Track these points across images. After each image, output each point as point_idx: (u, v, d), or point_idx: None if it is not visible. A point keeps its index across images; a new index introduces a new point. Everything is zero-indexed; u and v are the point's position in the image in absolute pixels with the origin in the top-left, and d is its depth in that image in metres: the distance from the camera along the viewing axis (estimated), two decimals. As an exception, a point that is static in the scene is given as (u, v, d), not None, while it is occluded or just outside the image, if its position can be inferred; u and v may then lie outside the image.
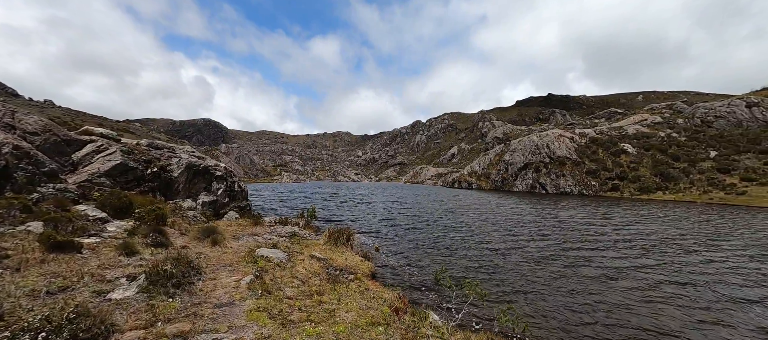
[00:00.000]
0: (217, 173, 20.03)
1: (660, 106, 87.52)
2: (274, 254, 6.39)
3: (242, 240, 8.10)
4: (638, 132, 56.58)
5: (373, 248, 9.98)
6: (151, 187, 13.59)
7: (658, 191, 38.19)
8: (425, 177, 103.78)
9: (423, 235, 13.31)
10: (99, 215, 7.94)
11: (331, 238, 8.73)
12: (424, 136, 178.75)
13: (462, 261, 9.45)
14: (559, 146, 50.45)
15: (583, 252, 10.86)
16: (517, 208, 24.57)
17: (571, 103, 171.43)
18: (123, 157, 12.29)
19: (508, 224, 16.67)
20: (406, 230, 14.68)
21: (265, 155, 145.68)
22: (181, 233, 7.87)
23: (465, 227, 15.70)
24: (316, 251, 7.92)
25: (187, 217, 10.90)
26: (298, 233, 9.56)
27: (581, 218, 19.10)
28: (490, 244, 11.78)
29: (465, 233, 13.86)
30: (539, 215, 20.44)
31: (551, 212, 22.20)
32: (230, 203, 21.22)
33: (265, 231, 9.71)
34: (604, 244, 12.13)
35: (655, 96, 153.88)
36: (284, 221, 12.09)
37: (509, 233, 14.05)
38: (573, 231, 14.91)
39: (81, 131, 12.18)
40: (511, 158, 57.37)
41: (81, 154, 11.23)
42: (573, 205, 27.62)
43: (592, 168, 45.45)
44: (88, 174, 10.87)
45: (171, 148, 16.98)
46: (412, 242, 11.75)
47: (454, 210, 22.40)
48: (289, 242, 8.53)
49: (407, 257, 9.58)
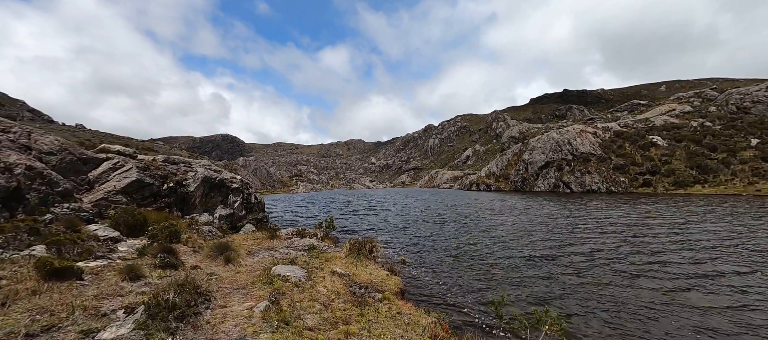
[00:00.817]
0: (234, 185, 19.82)
1: (687, 95, 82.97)
2: (292, 272, 5.73)
3: (258, 256, 7.51)
4: (667, 123, 53.44)
5: (398, 261, 9.11)
6: (168, 202, 13.36)
7: (696, 185, 35.54)
8: (441, 181, 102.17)
9: (451, 244, 12.25)
10: (111, 235, 7.57)
11: (353, 250, 8.02)
12: (437, 140, 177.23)
13: (501, 273, 8.35)
14: (581, 142, 48.20)
15: (655, 265, 8.82)
16: (547, 210, 22.90)
17: (589, 97, 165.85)
18: (139, 173, 12.10)
19: (544, 228, 15.23)
20: (431, 239, 13.65)
21: (281, 167, 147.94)
22: (194, 251, 7.37)
23: (495, 233, 14.41)
24: (337, 265, 7.22)
25: (203, 232, 10.48)
26: (317, 246, 8.91)
27: (621, 218, 17.37)
28: (531, 252, 10.47)
29: (498, 241, 12.66)
30: (575, 217, 18.78)
31: (586, 212, 20.50)
32: (247, 216, 20.95)
33: (282, 244, 9.11)
34: (673, 251, 10.24)
35: (679, 85, 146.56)
36: (301, 233, 11.50)
37: (549, 240, 12.57)
38: (619, 233, 13.41)
39: (98, 150, 12.12)
40: (530, 157, 55.34)
41: (97, 173, 11.10)
42: (607, 203, 25.65)
43: (620, 163, 43.01)
44: (104, 192, 10.68)
45: (187, 162, 16.89)
46: (440, 253, 10.75)
47: (479, 215, 21.12)
48: (308, 256, 7.88)
49: (438, 270, 8.66)
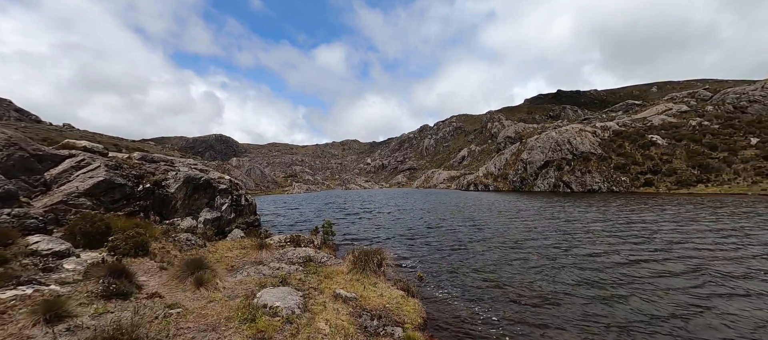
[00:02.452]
0: (221, 186, 18.24)
1: (681, 95, 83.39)
2: (283, 300, 4.36)
3: (241, 273, 6.10)
4: (665, 122, 53.13)
5: (414, 276, 7.63)
6: (143, 206, 11.81)
7: (699, 184, 34.93)
8: (437, 181, 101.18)
9: (468, 253, 10.74)
10: (57, 248, 6.08)
11: (357, 263, 6.67)
12: (432, 140, 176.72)
13: (554, 291, 6.85)
14: (581, 141, 47.49)
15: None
16: (556, 210, 21.54)
17: (582, 98, 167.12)
18: (108, 172, 10.55)
19: (566, 232, 13.72)
20: (445, 248, 12.01)
21: (275, 167, 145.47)
22: (161, 268, 5.92)
23: (515, 240, 12.68)
24: (339, 284, 5.86)
25: (179, 241, 9.00)
26: (314, 257, 7.53)
27: (667, 222, 15.46)
28: (567, 267, 8.75)
29: (520, 249, 11.09)
30: (610, 220, 17.04)
31: (617, 214, 18.85)
32: (236, 219, 19.36)
33: (273, 256, 7.71)
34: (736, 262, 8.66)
35: (670, 86, 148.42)
36: (296, 240, 10.09)
37: (579, 247, 10.95)
38: (661, 238, 11.82)
39: (60, 146, 10.58)
40: (529, 157, 54.53)
41: (56, 172, 9.56)
42: (621, 203, 24.41)
43: (621, 163, 42.35)
44: (63, 194, 9.15)
45: (169, 161, 15.34)
46: (459, 265, 9.25)
47: (488, 218, 19.50)
48: (304, 271, 6.50)
49: (462, 289, 7.19)
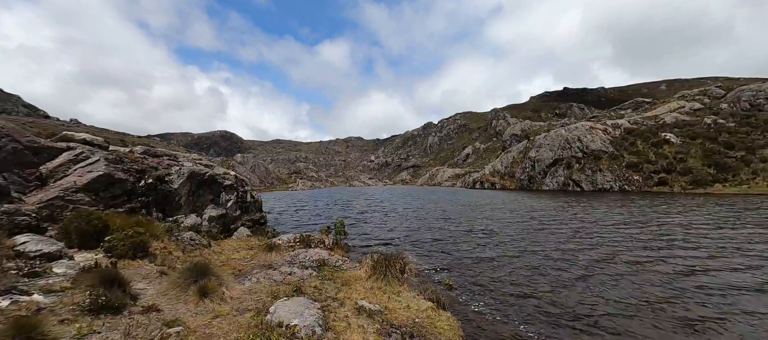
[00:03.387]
0: (226, 182, 17.68)
1: (692, 93, 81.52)
2: (300, 316, 3.72)
3: (250, 279, 5.47)
4: (678, 120, 51.78)
5: (442, 284, 6.80)
6: (145, 202, 11.26)
7: (715, 184, 33.84)
8: (442, 179, 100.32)
9: (497, 259, 9.53)
10: (47, 249, 5.49)
11: (377, 268, 6.02)
12: (436, 138, 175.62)
13: (600, 313, 5.73)
14: (592, 139, 46.41)
15: None
16: (578, 211, 20.39)
17: (589, 95, 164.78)
18: (108, 166, 9.99)
19: (599, 235, 12.29)
20: (466, 251, 10.90)
21: (279, 164, 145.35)
22: (161, 273, 5.31)
23: (547, 245, 11.19)
24: (359, 292, 5.21)
25: (182, 240, 8.41)
26: (328, 261, 6.89)
27: (676, 222, 14.50)
28: (618, 279, 7.42)
29: (558, 257, 9.66)
30: (622, 219, 16.18)
31: (632, 214, 17.85)
32: (242, 216, 18.80)
33: (283, 258, 7.08)
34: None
35: (680, 84, 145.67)
36: (306, 240, 9.46)
37: (623, 254, 9.66)
38: (709, 242, 10.54)
39: (57, 138, 10.03)
40: (537, 155, 53.52)
41: (53, 166, 9.01)
42: (644, 204, 23.26)
43: (633, 161, 41.26)
44: (59, 190, 8.59)
45: (172, 155, 14.79)
46: (489, 273, 8.18)
47: (506, 218, 18.24)
48: (318, 277, 5.86)
49: (499, 302, 6.25)
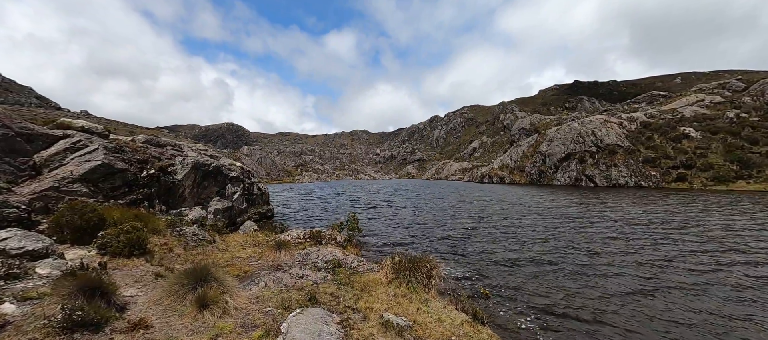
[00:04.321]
0: (232, 173, 17.11)
1: (711, 86, 78.77)
2: (318, 337, 3.04)
3: (257, 284, 4.81)
4: (697, 114, 49.85)
5: (476, 291, 5.96)
6: (147, 194, 10.71)
7: (738, 181, 32.42)
8: (449, 173, 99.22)
9: (533, 263, 8.50)
10: (31, 247, 4.89)
11: (400, 272, 5.31)
12: (442, 131, 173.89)
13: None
14: (607, 133, 44.90)
15: None
16: (605, 207, 18.93)
17: (600, 89, 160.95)
18: (107, 156, 9.41)
19: (641, 237, 11.05)
20: (494, 251, 9.76)
21: (285, 156, 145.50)
22: (156, 274, 4.67)
23: (584, 248, 10.04)
24: (381, 301, 4.52)
25: (185, 235, 7.80)
26: (343, 262, 6.21)
27: (726, 224, 13.13)
28: (687, 291, 6.50)
29: (602, 263, 8.50)
30: (659, 217, 14.88)
31: (671, 212, 16.41)
32: (248, 209, 18.27)
33: (293, 258, 6.42)
34: None
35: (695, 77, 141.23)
36: (316, 237, 8.79)
37: (679, 260, 8.57)
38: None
39: (54, 125, 9.46)
40: (548, 149, 52.16)
41: (48, 154, 8.45)
42: (681, 202, 21.45)
43: (650, 156, 39.80)
44: (55, 180, 8.04)
45: (176, 145, 14.21)
46: (528, 280, 7.23)
47: (527, 214, 17.37)
48: (334, 281, 5.18)
49: (548, 315, 5.55)
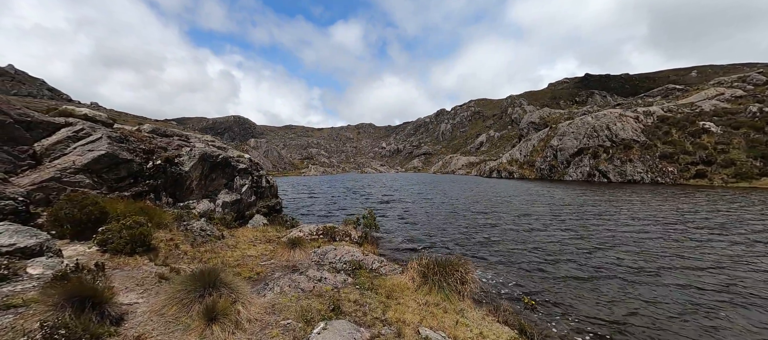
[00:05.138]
0: (241, 165, 16.67)
1: (729, 80, 76.17)
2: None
3: (271, 289, 4.28)
4: (717, 108, 48.03)
5: (517, 301, 5.22)
6: (153, 186, 10.28)
7: (762, 177, 31.09)
8: (456, 167, 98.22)
9: (561, 257, 7.69)
10: (24, 244, 4.43)
11: (429, 277, 4.74)
12: (449, 125, 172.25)
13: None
14: (622, 127, 43.53)
15: None
16: (624, 204, 17.91)
17: (612, 82, 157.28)
18: (111, 145, 8.96)
19: (702, 242, 9.80)
20: (526, 251, 8.75)
21: (292, 149, 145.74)
22: (160, 276, 4.16)
23: (630, 251, 8.89)
24: (413, 311, 3.97)
25: (192, 230, 7.33)
26: (364, 263, 5.66)
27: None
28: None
29: (664, 271, 7.36)
30: (707, 218, 13.39)
31: (715, 211, 15.02)
32: (257, 203, 17.85)
33: (309, 257, 5.90)
34: None
35: (712, 70, 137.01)
36: (330, 232, 8.26)
37: (758, 272, 7.31)
38: None
39: (56, 113, 9.04)
40: (560, 143, 50.92)
41: (48, 143, 8.03)
42: (703, 198, 20.45)
43: (668, 151, 38.46)
44: (56, 170, 7.62)
45: (183, 136, 13.79)
46: (567, 283, 6.38)
47: (547, 211, 16.20)
48: (356, 286, 4.63)
49: (598, 324, 4.80)
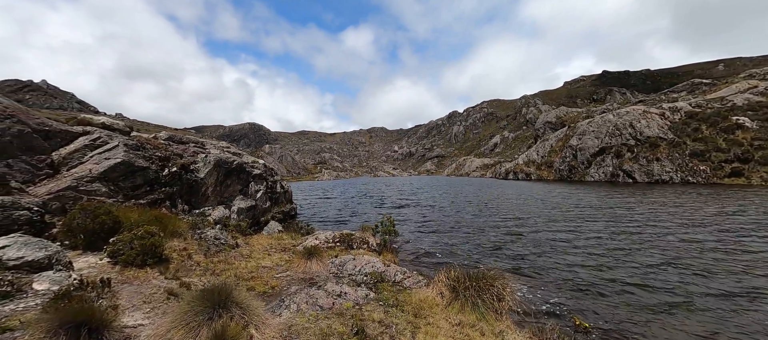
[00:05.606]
0: (255, 171, 16.61)
1: (762, 72, 72.00)
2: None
3: (288, 307, 3.91)
4: (751, 102, 45.21)
5: (566, 320, 4.65)
6: (169, 193, 10.21)
7: (807, 175, 28.85)
8: (470, 169, 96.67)
9: (598, 271, 6.63)
10: (32, 257, 4.23)
11: (459, 291, 4.26)
12: (461, 127, 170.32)
13: None
14: (647, 125, 41.54)
15: None
16: (670, 208, 15.57)
17: (632, 78, 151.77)
18: (127, 153, 8.92)
19: (747, 239, 8.78)
20: (560, 264, 7.82)
21: (305, 154, 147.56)
22: (169, 293, 3.85)
23: (666, 254, 8.02)
24: (445, 332, 3.51)
25: (206, 239, 7.09)
26: (386, 275, 5.23)
27: None
28: None
29: (697, 275, 6.71)
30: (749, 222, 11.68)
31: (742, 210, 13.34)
32: (272, 208, 17.76)
33: (326, 268, 5.53)
34: None
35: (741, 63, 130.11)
36: (347, 240, 7.88)
37: None
38: None
39: (74, 121, 9.10)
40: (580, 143, 49.12)
41: (66, 152, 8.03)
42: (756, 198, 18.19)
43: (699, 149, 36.35)
44: (73, 179, 7.58)
45: (199, 143, 13.80)
46: (624, 303, 5.49)
47: (578, 214, 14.75)
48: (379, 302, 4.21)
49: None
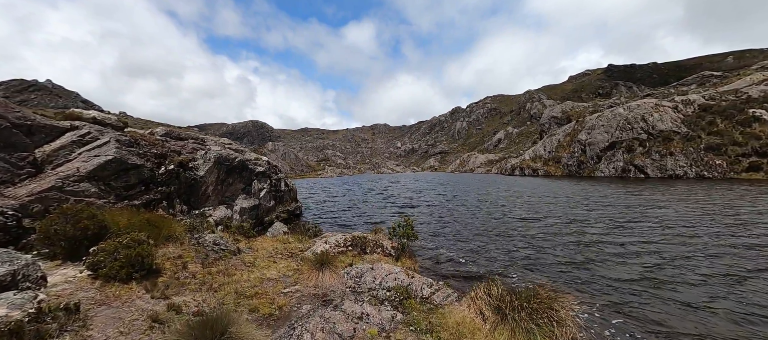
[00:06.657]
0: (259, 168, 15.87)
1: (775, 64, 70.11)
2: None
3: (299, 337, 3.14)
4: (767, 94, 43.83)
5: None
6: (166, 193, 9.48)
7: (831, 169, 27.69)
8: (474, 165, 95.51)
9: (666, 285, 5.77)
10: None
11: (506, 314, 3.50)
12: (464, 123, 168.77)
13: None
14: (659, 118, 40.33)
15: None
16: (709, 206, 14.06)
17: (638, 72, 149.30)
18: (119, 150, 8.19)
19: None
20: (609, 274, 6.91)
21: (308, 151, 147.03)
22: (152, 320, 3.10)
23: (729, 263, 7.06)
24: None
25: (205, 244, 6.35)
26: (412, 289, 4.46)
27: None
28: None
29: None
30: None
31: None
32: (276, 208, 17.01)
33: (341, 281, 4.77)
34: None
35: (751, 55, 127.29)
36: (360, 243, 7.10)
37: None
38: None
39: (63, 116, 8.38)
40: (588, 138, 47.96)
41: (51, 149, 7.31)
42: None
43: (715, 143, 35.18)
44: (58, 178, 6.87)
45: (198, 139, 13.06)
46: (705, 322, 4.70)
47: (604, 215, 13.48)
48: (409, 327, 3.45)
49: None
